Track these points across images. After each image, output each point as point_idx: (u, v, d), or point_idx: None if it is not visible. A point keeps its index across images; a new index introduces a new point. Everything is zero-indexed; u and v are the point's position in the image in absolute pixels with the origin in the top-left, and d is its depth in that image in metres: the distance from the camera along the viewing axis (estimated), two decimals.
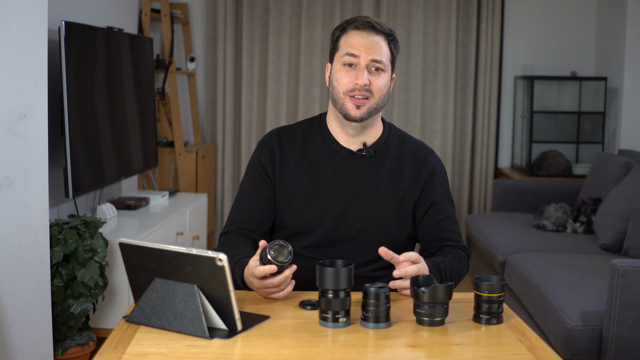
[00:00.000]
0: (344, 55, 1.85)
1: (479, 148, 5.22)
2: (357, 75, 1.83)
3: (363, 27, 1.84)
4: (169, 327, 1.48)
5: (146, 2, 4.66)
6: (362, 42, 1.84)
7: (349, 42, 1.85)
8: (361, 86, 1.82)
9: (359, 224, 1.89)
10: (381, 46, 1.84)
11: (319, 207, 1.89)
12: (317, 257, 1.89)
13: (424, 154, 1.97)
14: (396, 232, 1.91)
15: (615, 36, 4.91)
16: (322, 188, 1.90)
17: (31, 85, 2.53)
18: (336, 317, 1.53)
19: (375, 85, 1.84)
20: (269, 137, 1.97)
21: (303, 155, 1.93)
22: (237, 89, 5.22)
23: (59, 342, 2.96)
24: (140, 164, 4.11)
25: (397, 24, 5.13)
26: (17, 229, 2.46)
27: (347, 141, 1.92)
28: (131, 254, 1.53)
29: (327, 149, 1.92)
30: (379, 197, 1.90)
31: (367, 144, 1.92)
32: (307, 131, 1.96)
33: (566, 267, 3.23)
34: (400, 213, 1.91)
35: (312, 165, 1.92)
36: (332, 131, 1.94)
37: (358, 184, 1.90)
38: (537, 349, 1.45)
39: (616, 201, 3.70)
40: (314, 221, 1.89)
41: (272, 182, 1.93)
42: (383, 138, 1.95)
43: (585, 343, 2.70)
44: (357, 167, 1.91)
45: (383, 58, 1.84)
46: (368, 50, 1.83)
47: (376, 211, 1.90)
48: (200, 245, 4.49)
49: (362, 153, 1.91)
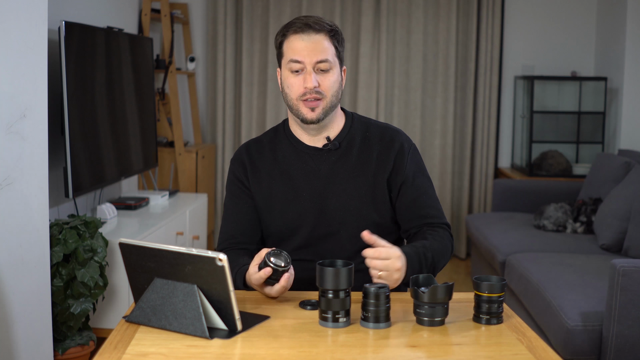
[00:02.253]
0: (289, 62, 1.86)
1: (479, 148, 5.22)
2: (305, 79, 1.84)
3: (302, 29, 1.84)
4: (169, 327, 1.48)
5: (146, 2, 4.66)
6: (304, 45, 1.83)
7: (291, 47, 1.85)
8: (310, 89, 1.83)
9: (338, 217, 1.91)
10: (324, 45, 1.84)
11: (297, 209, 1.91)
12: (305, 257, 1.91)
13: (390, 134, 1.96)
14: (376, 218, 1.91)
15: (615, 36, 4.91)
16: (297, 190, 1.92)
17: (31, 85, 2.53)
18: (336, 317, 1.53)
19: (324, 85, 1.85)
20: (238, 152, 2.01)
21: (273, 163, 1.96)
22: (237, 89, 5.22)
23: (59, 342, 2.96)
24: (140, 164, 4.11)
25: (397, 24, 5.13)
26: (17, 229, 2.46)
27: (311, 140, 1.95)
28: (131, 254, 1.53)
29: (294, 152, 1.95)
30: (352, 186, 1.91)
31: (331, 137, 1.94)
32: (274, 139, 2.00)
33: (566, 267, 3.23)
34: (376, 198, 1.91)
35: (283, 170, 1.94)
36: (296, 133, 1.96)
37: (329, 178, 1.92)
38: (537, 349, 1.45)
39: (616, 201, 3.70)
40: (294, 223, 1.91)
41: (251, 192, 1.96)
42: (346, 128, 1.96)
43: (585, 343, 2.70)
44: (326, 162, 1.93)
45: (328, 56, 1.84)
46: (311, 53, 1.83)
47: (351, 201, 1.90)
48: (200, 245, 4.49)
49: (328, 147, 1.93)
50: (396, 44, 5.15)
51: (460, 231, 5.24)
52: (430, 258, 1.80)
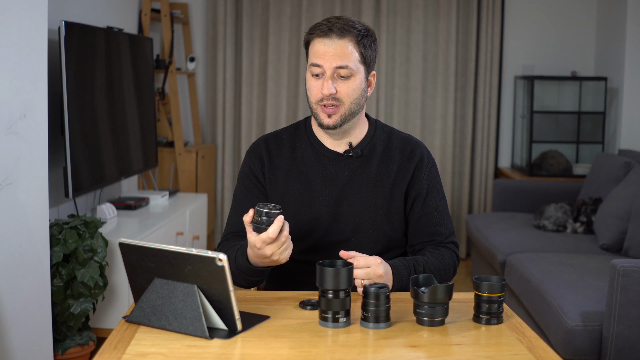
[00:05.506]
0: (310, 65, 1.84)
1: (479, 148, 5.22)
2: (323, 84, 1.81)
3: (325, 33, 1.80)
4: (169, 327, 1.48)
5: (146, 2, 4.66)
6: (325, 50, 1.80)
7: (313, 50, 1.83)
8: (327, 95, 1.80)
9: (351, 225, 1.89)
10: (346, 51, 1.80)
11: (311, 213, 1.89)
12: (313, 260, 1.87)
13: (411, 146, 1.95)
14: (389, 230, 1.90)
15: (615, 36, 4.91)
16: (313, 193, 1.90)
17: (31, 85, 2.53)
18: (336, 317, 1.52)
19: (342, 92, 1.81)
20: (256, 145, 1.97)
21: (292, 162, 1.93)
22: (237, 89, 5.22)
23: (59, 342, 2.96)
24: (140, 164, 4.11)
25: (397, 24, 5.13)
26: (17, 229, 2.46)
27: (332, 144, 1.92)
28: (131, 254, 1.53)
29: (314, 153, 1.92)
30: (368, 196, 1.89)
31: (353, 144, 1.91)
32: (294, 136, 1.96)
33: (566, 267, 3.23)
34: (391, 210, 1.90)
35: (301, 171, 1.91)
36: (317, 134, 1.93)
37: (347, 185, 1.89)
38: (537, 349, 1.45)
39: (616, 201, 3.70)
40: (307, 226, 1.89)
41: (265, 189, 1.93)
42: (369, 136, 1.94)
43: (585, 343, 2.70)
44: (345, 168, 1.90)
45: (349, 63, 1.80)
46: (331, 58, 1.79)
47: (366, 211, 1.89)
48: (200, 245, 4.49)
49: (349, 154, 1.91)
50: (396, 44, 5.15)
51: (460, 231, 5.24)
52: (422, 272, 1.80)
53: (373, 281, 1.68)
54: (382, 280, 1.69)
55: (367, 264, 1.69)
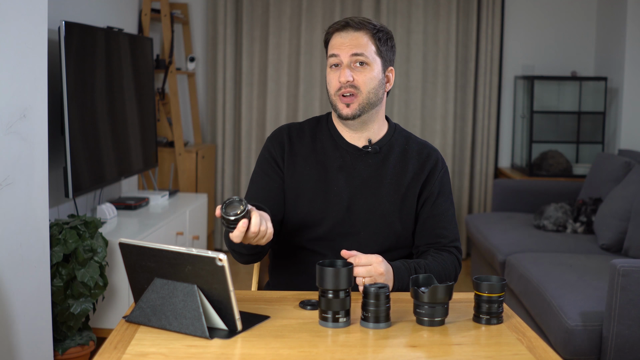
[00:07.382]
0: (328, 57, 1.89)
1: (479, 148, 5.22)
2: (340, 73, 1.86)
3: (342, 27, 1.88)
4: (169, 327, 1.48)
5: (146, 2, 4.66)
6: (342, 41, 1.87)
7: (331, 43, 1.90)
8: (344, 83, 1.85)
9: (363, 218, 1.91)
10: (361, 41, 1.86)
11: (325, 201, 1.91)
12: (322, 250, 1.90)
13: (428, 151, 1.99)
14: (399, 228, 1.92)
15: (615, 36, 4.91)
16: (329, 182, 1.92)
17: (31, 85, 2.53)
18: (336, 317, 1.53)
19: (359, 79, 1.86)
20: (278, 131, 2.01)
21: (311, 151, 1.96)
22: (237, 89, 5.22)
23: (59, 342, 2.96)
24: (140, 164, 4.11)
25: (397, 24, 5.13)
26: (17, 229, 2.46)
27: (352, 138, 1.95)
28: (131, 254, 1.53)
29: (333, 145, 1.96)
30: (383, 192, 1.92)
31: (372, 140, 1.95)
32: (315, 128, 2.00)
33: (566, 267, 3.23)
34: (403, 209, 1.92)
35: (320, 160, 1.95)
36: (338, 128, 1.97)
37: (363, 179, 1.92)
38: (537, 349, 1.45)
39: (616, 201, 3.70)
40: (319, 215, 1.91)
41: (283, 174, 1.96)
42: (388, 136, 1.97)
43: (585, 343, 2.70)
44: (363, 162, 1.94)
45: (364, 51, 1.85)
46: (347, 47, 1.85)
47: (379, 206, 1.91)
48: (200, 245, 4.49)
49: (368, 149, 1.93)
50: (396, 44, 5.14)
51: (461, 231, 5.24)
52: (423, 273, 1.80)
53: (374, 279, 1.68)
54: (383, 278, 1.70)
55: (369, 262, 1.70)
